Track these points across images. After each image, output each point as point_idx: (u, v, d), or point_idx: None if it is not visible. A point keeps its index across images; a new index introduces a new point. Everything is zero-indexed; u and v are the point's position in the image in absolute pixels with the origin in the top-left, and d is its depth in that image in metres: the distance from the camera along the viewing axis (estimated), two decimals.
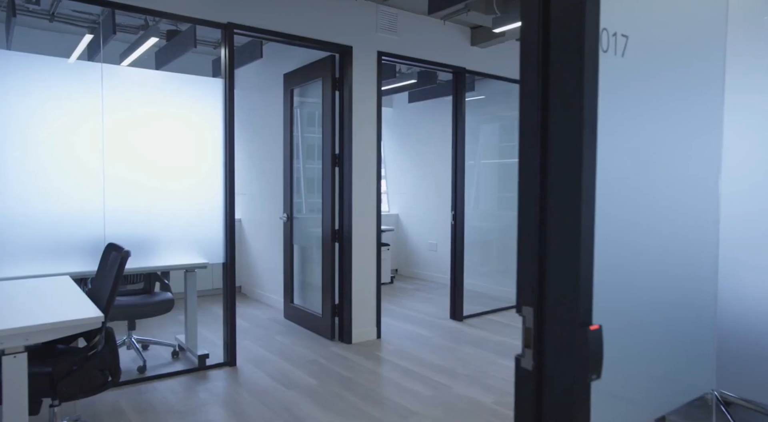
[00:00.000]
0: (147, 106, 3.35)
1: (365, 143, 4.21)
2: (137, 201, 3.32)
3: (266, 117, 5.52)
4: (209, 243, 3.58)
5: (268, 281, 5.61)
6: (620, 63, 1.05)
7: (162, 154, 3.42)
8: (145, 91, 3.35)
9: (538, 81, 0.97)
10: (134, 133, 3.31)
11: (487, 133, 5.67)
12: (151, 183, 3.38)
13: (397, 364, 3.70)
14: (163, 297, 3.57)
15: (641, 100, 1.12)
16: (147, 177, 3.36)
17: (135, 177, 3.32)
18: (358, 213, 4.18)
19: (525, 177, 0.99)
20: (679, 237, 1.21)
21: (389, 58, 4.37)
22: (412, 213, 7.35)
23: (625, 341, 1.05)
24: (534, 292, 0.97)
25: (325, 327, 4.34)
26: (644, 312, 1.12)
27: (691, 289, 1.24)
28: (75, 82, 3.09)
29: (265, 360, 3.75)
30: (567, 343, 0.92)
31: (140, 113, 3.33)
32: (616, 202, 1.04)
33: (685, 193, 1.23)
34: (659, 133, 1.16)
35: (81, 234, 3.10)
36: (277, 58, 5.25)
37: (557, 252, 0.94)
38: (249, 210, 6.03)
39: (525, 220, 0.99)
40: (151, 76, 3.42)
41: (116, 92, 3.22)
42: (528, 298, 0.99)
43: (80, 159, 3.13)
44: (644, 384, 1.15)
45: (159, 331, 4.42)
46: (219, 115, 3.58)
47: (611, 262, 1.02)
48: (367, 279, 4.27)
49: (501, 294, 5.50)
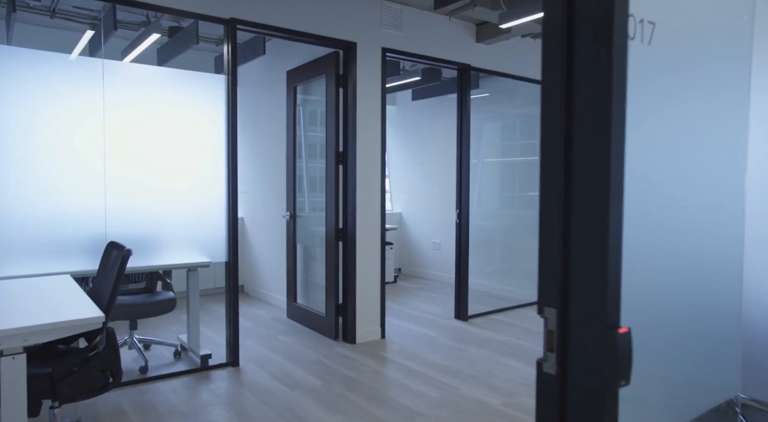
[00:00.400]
0: (149, 102, 3.30)
1: (369, 141, 4.16)
2: (139, 199, 3.28)
3: (269, 115, 5.47)
4: (212, 242, 3.54)
5: (271, 280, 5.56)
6: (646, 52, 1.00)
7: (164, 151, 3.37)
8: (147, 87, 3.30)
9: (563, 69, 0.92)
10: (136, 130, 3.27)
11: (492, 132, 5.62)
12: (153, 180, 3.33)
13: (402, 364, 3.65)
14: (165, 296, 3.52)
15: (667, 92, 1.07)
16: (149, 174, 3.32)
17: (137, 174, 3.27)
18: (362, 211, 4.13)
19: (547, 171, 0.94)
20: (705, 236, 1.15)
21: (393, 55, 4.32)
22: (415, 212, 7.30)
23: (651, 344, 0.99)
24: (558, 293, 0.92)
25: (328, 327, 4.29)
26: (670, 314, 1.07)
27: (716, 290, 1.19)
28: (76, 79, 3.05)
29: (268, 360, 3.71)
30: (594, 347, 0.87)
31: (142, 110, 3.28)
32: (642, 198, 0.99)
33: (710, 191, 1.18)
34: (685, 127, 1.11)
35: (82, 232, 3.05)
36: (280, 55, 5.19)
37: (583, 250, 0.89)
38: (251, 208, 5.98)
39: (547, 217, 0.94)
40: (153, 72, 3.37)
41: (117, 89, 3.18)
42: (551, 299, 0.93)
43: (81, 156, 3.08)
44: (670, 389, 1.09)
45: (161, 331, 4.37)
46: (222, 112, 3.53)
47: (636, 261, 0.97)
48: (371, 278, 4.23)
49: (505, 294, 5.45)
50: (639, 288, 0.99)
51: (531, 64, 5.25)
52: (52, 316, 1.95)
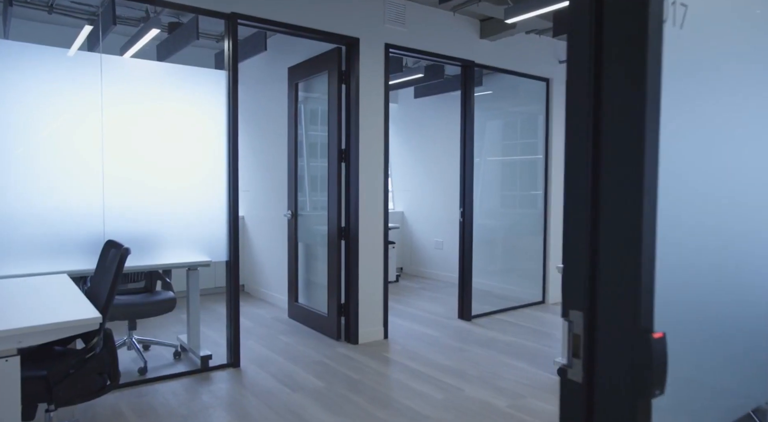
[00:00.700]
0: (148, 98, 3.24)
1: (372, 138, 4.09)
2: (138, 197, 3.21)
3: (270, 112, 5.40)
4: (212, 241, 3.47)
5: (272, 280, 5.50)
6: (679, 36, 0.93)
7: (163, 148, 3.31)
8: (146, 83, 3.23)
9: (591, 55, 0.86)
10: (135, 127, 3.20)
11: (495, 130, 5.55)
12: (152, 178, 3.27)
13: (405, 365, 3.59)
14: (165, 296, 3.46)
15: (701, 81, 1.00)
16: (148, 172, 3.25)
17: (136, 172, 3.21)
18: (364, 210, 4.07)
19: (573, 164, 0.88)
20: (738, 236, 1.09)
21: (397, 51, 4.25)
22: (417, 211, 7.24)
23: (685, 350, 0.93)
24: (584, 294, 0.86)
25: (330, 327, 4.23)
26: (703, 318, 1.00)
27: (748, 293, 1.13)
28: (73, 74, 2.98)
29: (269, 361, 3.65)
30: (625, 353, 0.80)
31: (141, 106, 3.21)
32: (674, 194, 0.93)
33: (746, 188, 1.11)
34: (719, 119, 1.04)
35: (79, 231, 2.99)
36: (282, 51, 5.13)
37: (613, 248, 0.82)
38: (252, 207, 5.92)
39: (573, 213, 0.88)
40: (152, 68, 3.30)
41: (116, 84, 3.11)
42: (577, 301, 0.87)
43: (78, 153, 3.01)
44: (701, 397, 1.03)
45: (161, 331, 4.31)
46: (222, 109, 3.47)
47: (668, 260, 0.90)
48: (373, 277, 4.16)
49: (508, 293, 5.39)
50: (671, 290, 0.92)
51: (535, 61, 5.18)
52: (47, 317, 1.89)
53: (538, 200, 5.50)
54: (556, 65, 5.38)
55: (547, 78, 5.36)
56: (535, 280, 5.50)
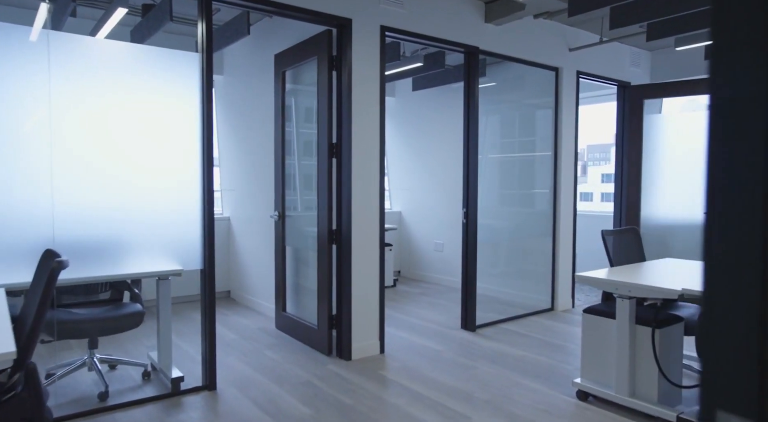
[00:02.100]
0: (107, 83, 2.81)
1: (367, 131, 3.68)
2: (96, 197, 2.79)
3: (257, 104, 4.98)
4: (184, 247, 3.06)
5: (259, 286, 5.08)
6: None
7: (126, 141, 2.89)
8: (104, 65, 2.81)
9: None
10: (91, 116, 2.78)
11: (500, 125, 5.14)
12: (114, 176, 2.85)
13: (404, 387, 3.18)
14: (131, 309, 3.04)
15: None
16: (108, 169, 2.83)
17: (93, 168, 2.79)
18: (358, 210, 3.66)
19: (734, 175, 0.46)
20: None
21: (394, 35, 3.83)
22: (416, 211, 6.82)
23: None
24: (753, 390, 0.44)
25: (321, 341, 3.81)
26: None
27: None
28: (13, 52, 2.55)
29: (250, 382, 3.23)
30: None
31: (98, 92, 2.79)
32: None
33: None
34: None
35: (21, 236, 2.56)
36: (268, 38, 4.71)
37: None
38: (239, 207, 5.50)
39: (728, 242, 0.47)
40: (110, 47, 2.87)
41: (67, 67, 2.68)
42: (735, 400, 0.46)
43: (20, 145, 2.59)
44: None
45: (133, 346, 3.89)
46: (196, 97, 3.05)
47: None
48: (368, 285, 3.75)
49: (515, 300, 4.98)
50: None
51: (544, 48, 4.77)
52: None
53: (545, 199, 5.09)
54: (567, 53, 4.97)
55: (557, 67, 4.95)
56: (543, 286, 5.10)
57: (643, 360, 2.78)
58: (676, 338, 2.84)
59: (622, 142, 5.60)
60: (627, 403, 2.80)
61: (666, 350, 2.77)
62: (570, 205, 5.13)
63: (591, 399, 2.99)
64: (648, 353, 2.75)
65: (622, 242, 3.49)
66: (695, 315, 3.12)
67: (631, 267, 3.20)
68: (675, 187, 5.35)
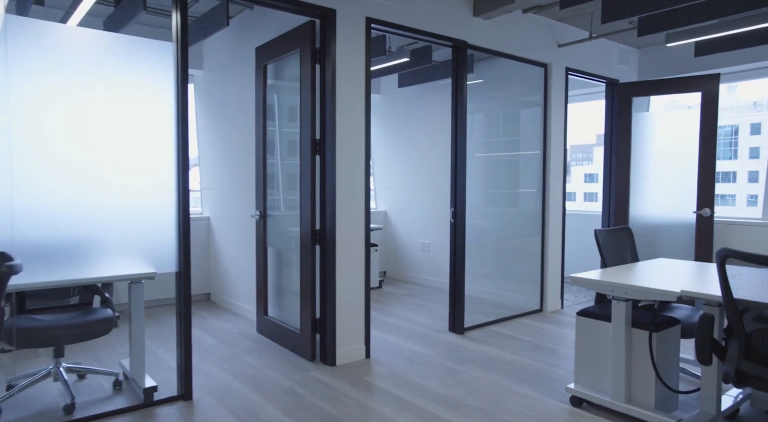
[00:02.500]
0: (72, 72, 2.62)
1: (352, 126, 3.53)
2: (62, 195, 2.60)
3: (238, 101, 4.80)
4: (158, 248, 2.88)
5: (240, 288, 4.90)
6: None
7: (95, 135, 2.70)
8: (70, 53, 2.62)
9: None
10: (56, 108, 2.59)
11: (487, 123, 5.02)
12: (81, 172, 2.66)
13: (391, 394, 3.04)
14: (100, 315, 2.85)
15: None
16: (75, 164, 2.64)
17: (58, 164, 2.59)
18: (343, 209, 3.51)
19: None
20: None
21: (379, 27, 3.69)
22: (402, 211, 6.69)
23: None
24: None
25: (304, 346, 3.65)
26: None
27: None
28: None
29: (229, 391, 3.06)
30: None
31: (63, 82, 2.60)
32: None
33: None
34: None
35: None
36: (249, 32, 4.53)
37: None
38: (219, 206, 5.31)
39: None
40: (74, 34, 2.67)
41: (28, 52, 2.49)
42: None
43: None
44: None
45: (105, 354, 3.69)
46: (171, 90, 2.87)
47: None
48: (353, 288, 3.60)
49: (503, 301, 4.87)
50: None
51: (533, 44, 4.67)
52: None
53: (534, 198, 4.99)
54: (556, 49, 4.87)
55: (546, 63, 4.85)
56: (531, 286, 5.00)
57: (639, 365, 2.68)
58: (673, 341, 2.74)
59: (610, 141, 5.53)
60: (623, 410, 2.69)
61: (663, 354, 2.67)
62: (559, 205, 5.04)
63: (585, 406, 2.88)
64: (645, 357, 2.65)
65: (615, 242, 3.40)
66: (691, 316, 3.03)
67: (625, 267, 3.10)
68: (662, 186, 5.29)
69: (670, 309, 3.20)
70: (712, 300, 2.40)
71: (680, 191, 5.17)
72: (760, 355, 2.16)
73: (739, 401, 2.76)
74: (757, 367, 2.16)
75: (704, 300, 2.42)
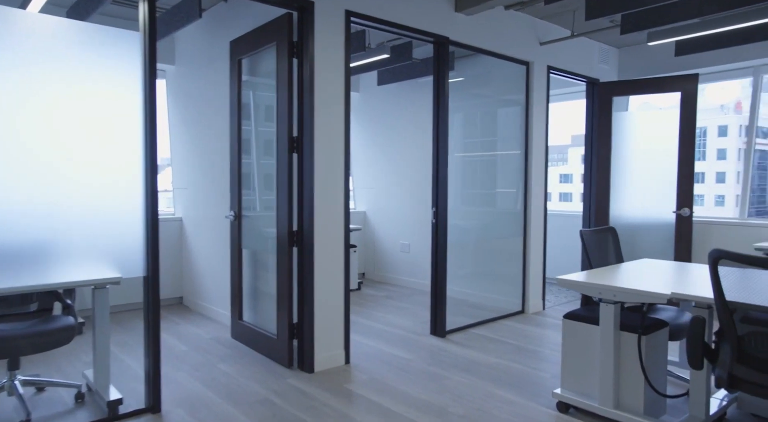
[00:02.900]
0: (30, 62, 2.43)
1: (331, 123, 3.39)
2: (18, 193, 2.41)
3: (212, 97, 4.62)
4: (125, 251, 2.70)
5: (214, 292, 4.72)
6: None
7: (57, 130, 2.51)
8: (30, 41, 2.42)
9: None
10: (12, 101, 2.39)
11: (468, 122, 4.93)
12: (40, 169, 2.47)
13: (372, 402, 2.91)
14: (60, 324, 2.65)
15: None
16: (34, 160, 2.45)
17: (13, 159, 2.40)
18: (321, 210, 3.37)
19: None
20: None
21: (359, 20, 3.56)
22: (381, 211, 6.57)
23: None
24: None
25: (280, 352, 3.51)
26: None
27: None
28: None
29: (201, 402, 2.90)
30: None
31: (19, 72, 2.40)
32: None
33: None
34: None
35: None
36: (223, 25, 4.36)
37: None
38: (192, 207, 5.11)
39: None
40: (33, 21, 2.47)
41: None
42: None
43: None
44: None
45: (68, 363, 3.48)
46: (138, 82, 2.69)
47: None
48: (332, 291, 3.47)
49: (484, 302, 4.79)
50: None
51: (515, 41, 4.60)
52: None
53: (516, 198, 4.93)
54: (538, 47, 4.81)
55: (528, 61, 4.79)
56: (513, 287, 4.93)
57: (628, 369, 2.61)
58: (661, 344, 2.68)
59: (591, 140, 5.51)
60: (611, 415, 2.62)
61: (651, 357, 2.60)
62: (541, 205, 4.98)
63: (572, 411, 2.80)
64: (633, 361, 2.58)
65: (599, 242, 3.33)
66: (676, 318, 2.98)
67: (611, 269, 3.04)
68: (641, 186, 5.29)
69: (655, 310, 3.15)
70: (701, 302, 2.35)
71: (659, 191, 5.17)
72: (753, 359, 2.10)
73: (725, 404, 2.71)
74: (749, 371, 2.10)
75: (693, 302, 2.36)
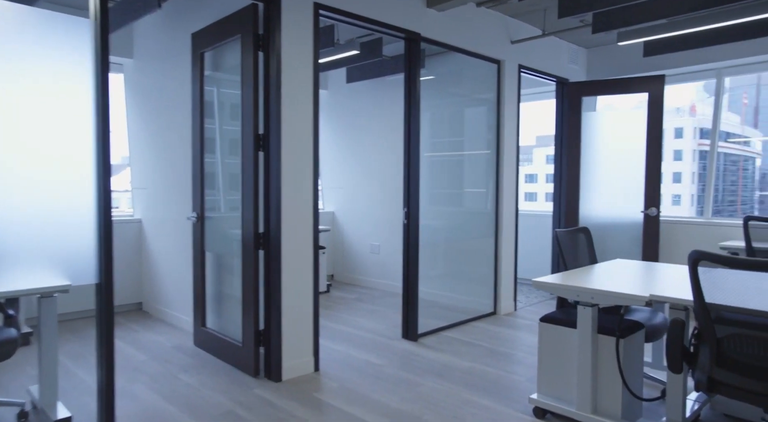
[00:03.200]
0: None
1: (299, 120, 3.25)
2: None
3: (173, 93, 4.39)
4: (75, 256, 2.49)
5: (176, 297, 4.49)
6: None
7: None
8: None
9: None
10: None
11: (439, 121, 4.85)
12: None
13: (343, 412, 2.78)
14: (2, 336, 2.43)
15: None
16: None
17: None
18: (289, 210, 3.22)
19: None
20: None
21: (328, 14, 3.43)
22: (350, 211, 6.43)
23: None
24: None
25: (246, 360, 3.34)
26: None
27: None
28: None
29: (160, 416, 2.71)
30: None
31: None
32: None
33: None
34: None
35: None
36: (184, 16, 4.14)
37: None
38: (152, 207, 4.86)
39: None
40: None
41: None
42: None
43: None
44: None
45: (11, 379, 3.22)
46: (89, 73, 2.49)
47: None
48: (301, 295, 3.32)
49: (455, 303, 4.72)
50: None
51: (487, 39, 4.54)
52: None
53: (487, 198, 4.88)
54: (509, 46, 4.77)
55: (499, 60, 4.74)
56: (485, 288, 4.88)
57: (605, 373, 2.56)
58: (638, 347, 2.64)
59: (560, 140, 5.51)
60: (589, 420, 2.56)
61: (629, 360, 2.56)
62: (512, 205, 4.95)
63: (549, 417, 2.74)
64: (611, 365, 2.53)
65: (573, 243, 3.29)
66: (650, 319, 2.96)
67: (586, 270, 2.99)
68: (609, 186, 5.32)
69: (629, 311, 3.13)
70: (678, 304, 2.31)
71: (626, 190, 5.21)
72: (732, 362, 2.07)
73: (699, 407, 2.70)
74: (729, 375, 2.07)
75: (670, 303, 2.32)
